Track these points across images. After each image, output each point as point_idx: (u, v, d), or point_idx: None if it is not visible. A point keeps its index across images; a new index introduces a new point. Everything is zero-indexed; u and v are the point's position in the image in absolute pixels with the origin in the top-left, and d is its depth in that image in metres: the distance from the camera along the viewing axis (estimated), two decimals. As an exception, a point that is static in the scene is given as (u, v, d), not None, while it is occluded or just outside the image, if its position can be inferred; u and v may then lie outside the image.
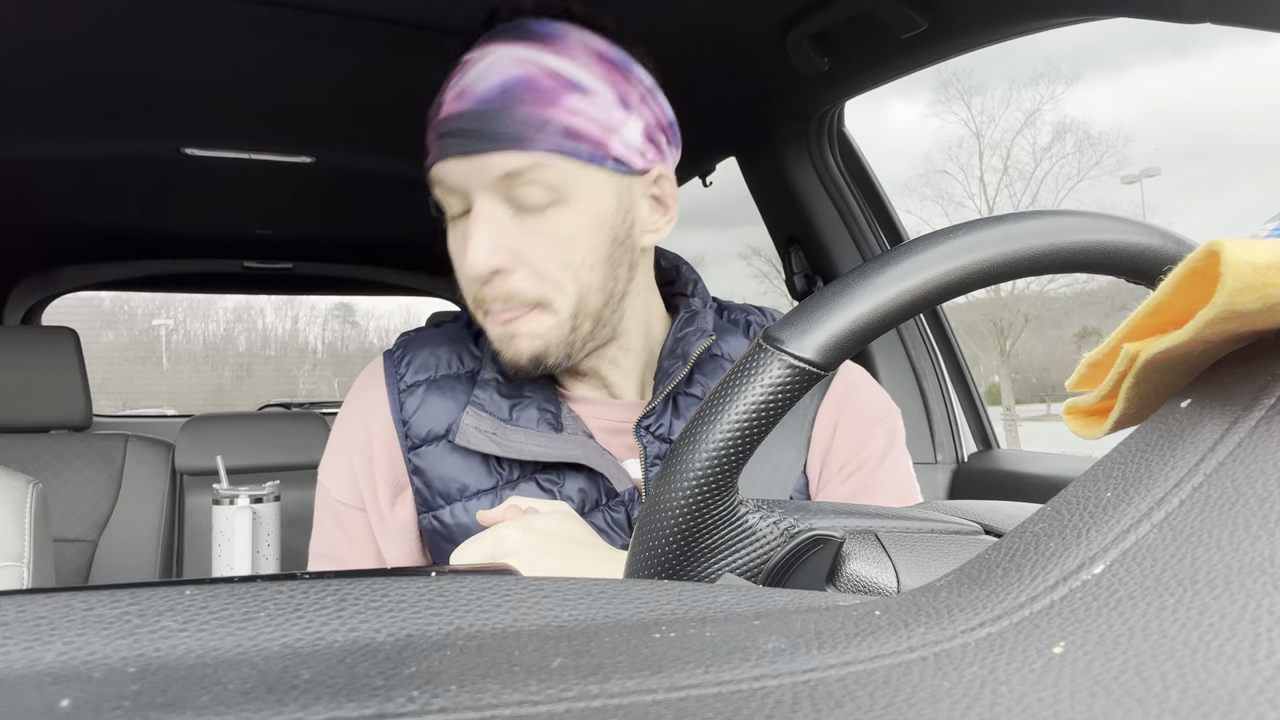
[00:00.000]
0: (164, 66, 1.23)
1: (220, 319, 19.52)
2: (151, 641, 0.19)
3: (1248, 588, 0.18)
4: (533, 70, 0.62)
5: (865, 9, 1.03)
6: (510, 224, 0.64)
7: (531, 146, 0.62)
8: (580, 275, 0.66)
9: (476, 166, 0.63)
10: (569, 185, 0.64)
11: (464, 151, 0.63)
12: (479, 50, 0.65)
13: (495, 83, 0.62)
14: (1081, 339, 19.02)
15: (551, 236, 0.64)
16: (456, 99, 0.64)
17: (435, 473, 0.71)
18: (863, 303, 0.33)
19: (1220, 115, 38.19)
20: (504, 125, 0.62)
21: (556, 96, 0.62)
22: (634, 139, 0.66)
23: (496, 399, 0.71)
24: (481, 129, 0.62)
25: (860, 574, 0.34)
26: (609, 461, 0.69)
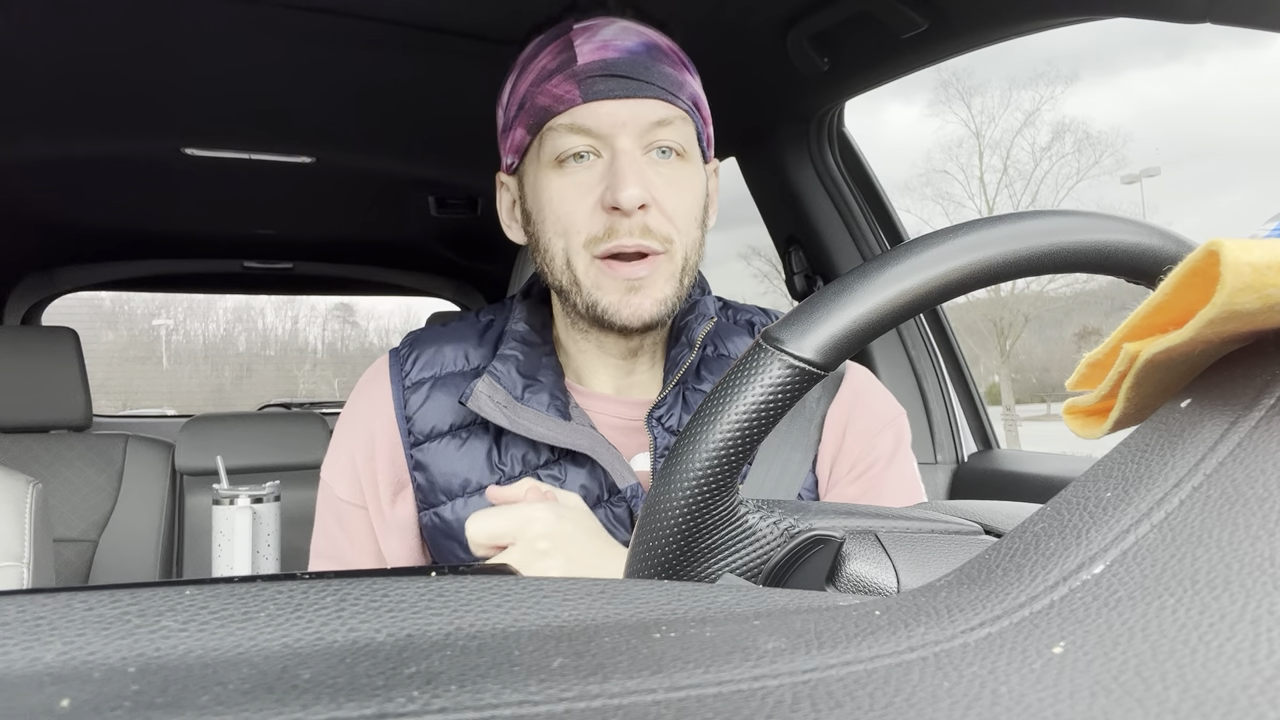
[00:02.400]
0: (164, 66, 1.23)
1: (220, 319, 19.51)
2: (151, 641, 0.19)
3: (1248, 588, 0.18)
4: (659, 40, 0.69)
5: (865, 9, 1.03)
6: (647, 168, 0.68)
7: (677, 102, 0.67)
8: (690, 228, 0.70)
9: (630, 110, 0.66)
10: (688, 146, 0.69)
11: (621, 94, 0.66)
12: (600, 19, 0.69)
13: (637, 42, 0.67)
14: (1081, 339, 19.02)
15: (677, 185, 0.69)
16: (600, 49, 0.67)
17: (437, 468, 0.71)
18: (863, 303, 0.33)
19: (1215, 117, 38.27)
20: (655, 77, 0.67)
21: (683, 69, 0.69)
22: (711, 131, 0.73)
23: (513, 374, 0.71)
24: (636, 76, 0.66)
25: (860, 574, 0.34)
26: (614, 456, 0.70)
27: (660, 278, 0.68)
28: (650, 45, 0.68)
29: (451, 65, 1.26)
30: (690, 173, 0.69)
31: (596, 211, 0.66)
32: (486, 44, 1.17)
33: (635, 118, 0.66)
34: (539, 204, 0.70)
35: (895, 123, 39.03)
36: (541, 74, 0.68)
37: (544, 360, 0.74)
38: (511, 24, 1.16)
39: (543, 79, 0.68)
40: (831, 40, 1.13)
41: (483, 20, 1.12)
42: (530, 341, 0.74)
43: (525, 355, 0.73)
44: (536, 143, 0.69)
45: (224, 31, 1.13)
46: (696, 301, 0.77)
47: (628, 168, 0.65)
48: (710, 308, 0.77)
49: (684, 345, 0.73)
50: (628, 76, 0.66)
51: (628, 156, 0.66)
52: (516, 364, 0.72)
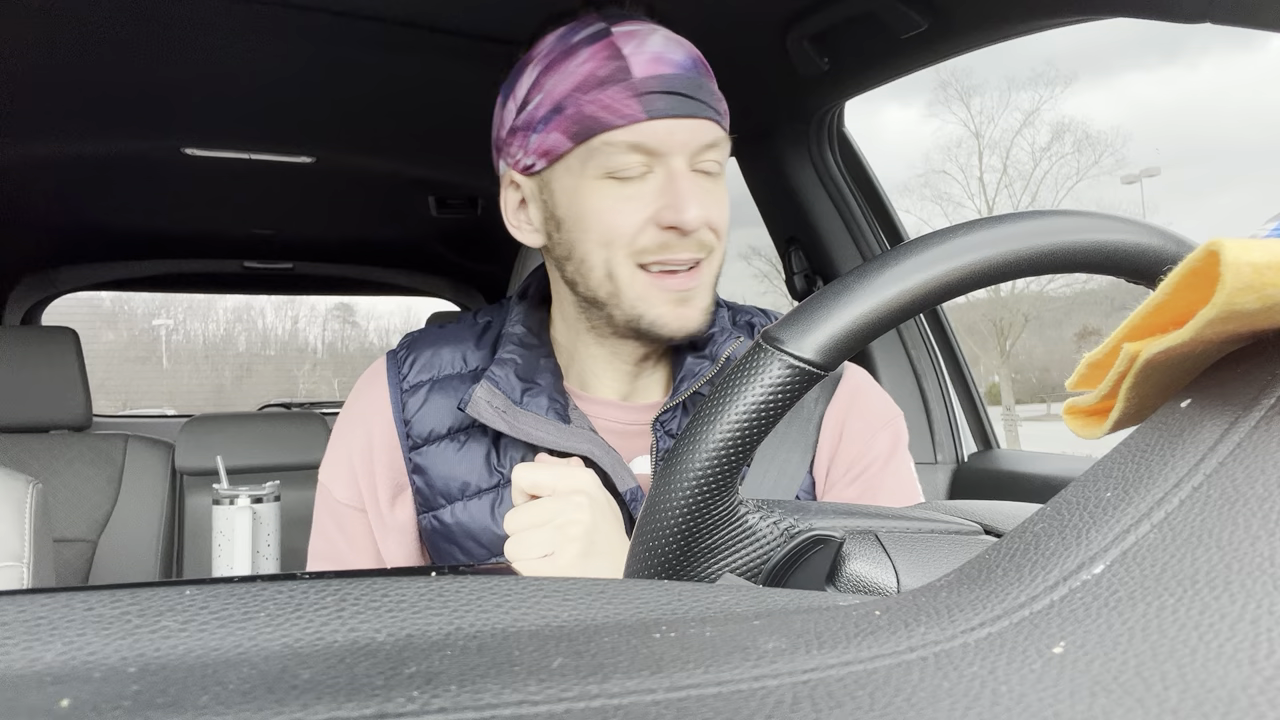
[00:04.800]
0: (164, 67, 1.23)
1: (220, 319, 19.50)
2: (151, 641, 0.19)
3: (1248, 588, 0.18)
4: (696, 52, 0.69)
5: (865, 9, 1.03)
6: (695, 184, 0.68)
7: (723, 123, 0.68)
8: (724, 240, 0.71)
9: (688, 130, 0.66)
10: (723, 164, 0.71)
11: (684, 113, 0.65)
12: (635, 24, 0.68)
13: (684, 56, 0.67)
14: (1081, 339, 19.01)
15: (718, 202, 0.70)
16: (654, 61, 0.66)
17: (436, 472, 0.71)
18: (862, 303, 0.33)
19: (1210, 119, 38.33)
20: (707, 96, 0.67)
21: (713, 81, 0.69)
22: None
23: (512, 379, 0.71)
24: (693, 95, 0.66)
25: (860, 574, 0.34)
26: (614, 459, 0.70)
27: (705, 288, 0.70)
28: (696, 60, 0.68)
29: (452, 65, 1.26)
30: (723, 188, 0.71)
31: (649, 227, 0.66)
32: (487, 44, 1.17)
33: (692, 137, 0.66)
34: (578, 213, 0.68)
35: (893, 125, 39.06)
36: (589, 80, 0.66)
37: (542, 363, 0.74)
38: (512, 24, 1.16)
39: (592, 86, 0.65)
40: (831, 40, 1.13)
41: (483, 20, 1.12)
42: (528, 344, 0.74)
43: (523, 358, 0.72)
44: (582, 152, 0.67)
45: (224, 31, 1.13)
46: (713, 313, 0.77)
47: (690, 189, 0.66)
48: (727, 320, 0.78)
49: (705, 358, 0.73)
50: (686, 95, 0.65)
51: (685, 176, 0.66)
52: (515, 368, 0.72)
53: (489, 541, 0.70)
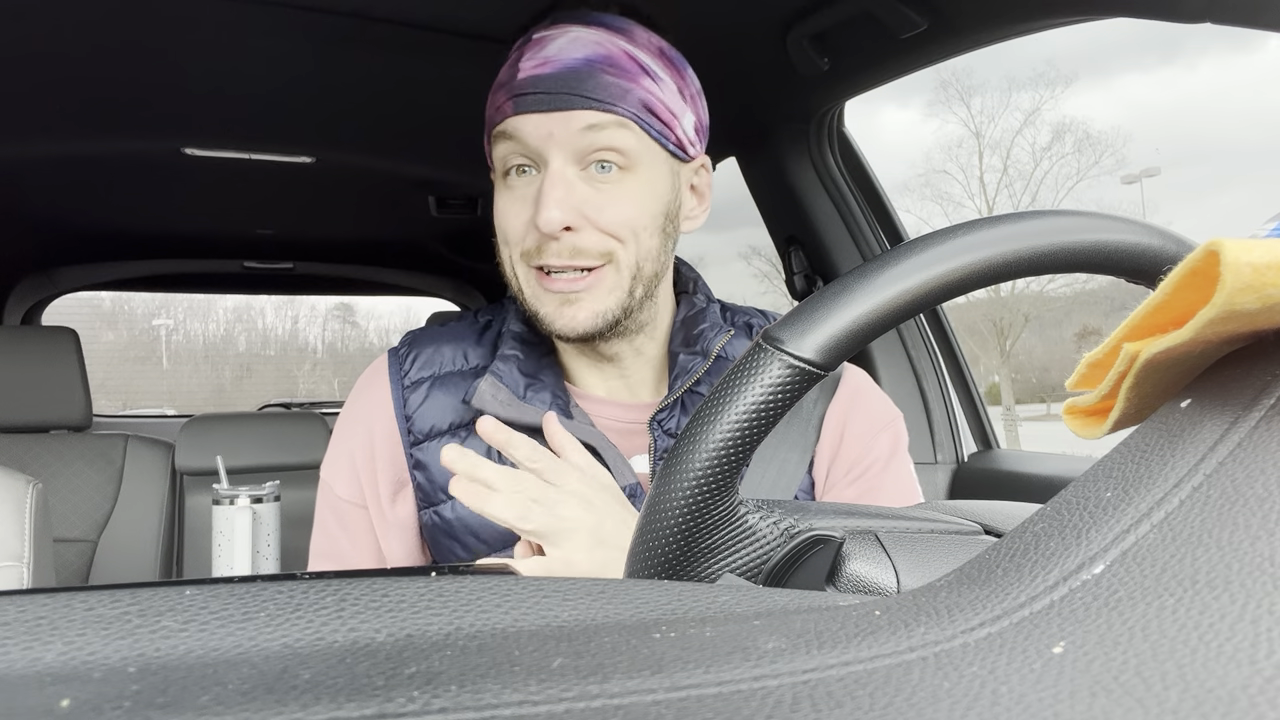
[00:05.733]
0: (164, 66, 1.23)
1: (220, 319, 19.49)
2: (151, 641, 0.19)
3: (1248, 588, 0.18)
4: (613, 49, 0.67)
5: (865, 9, 1.03)
6: (580, 185, 0.67)
7: (612, 109, 0.66)
8: (640, 238, 0.68)
9: (559, 121, 0.65)
10: (637, 154, 0.67)
11: (549, 107, 0.65)
12: (556, 29, 0.68)
13: (580, 54, 0.66)
14: (1081, 339, 19.01)
15: (617, 199, 0.67)
16: (539, 65, 0.66)
17: (437, 467, 0.72)
18: (863, 303, 0.33)
19: (1209, 120, 38.34)
20: (589, 88, 0.65)
21: (635, 76, 0.67)
22: (689, 130, 0.71)
23: (515, 374, 0.72)
24: (568, 89, 0.65)
25: (860, 574, 0.34)
26: (614, 453, 0.70)
27: (600, 290, 0.68)
28: (597, 57, 0.66)
29: (451, 65, 1.26)
30: (638, 183, 0.68)
31: (530, 227, 0.67)
32: (487, 44, 1.17)
33: (562, 127, 0.65)
34: (494, 212, 0.71)
35: (893, 125, 39.05)
36: (495, 85, 0.70)
37: (544, 360, 0.74)
38: (512, 23, 1.16)
39: (495, 90, 0.69)
40: (831, 40, 1.13)
41: (483, 20, 1.12)
42: (529, 341, 0.74)
43: (525, 355, 0.73)
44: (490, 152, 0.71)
45: (224, 31, 1.13)
46: (703, 309, 0.77)
47: (550, 190, 0.65)
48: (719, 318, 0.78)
49: (698, 355, 0.73)
50: (556, 90, 0.65)
51: (555, 177, 0.65)
52: (518, 363, 0.72)
53: (489, 537, 0.70)
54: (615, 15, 0.69)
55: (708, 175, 0.76)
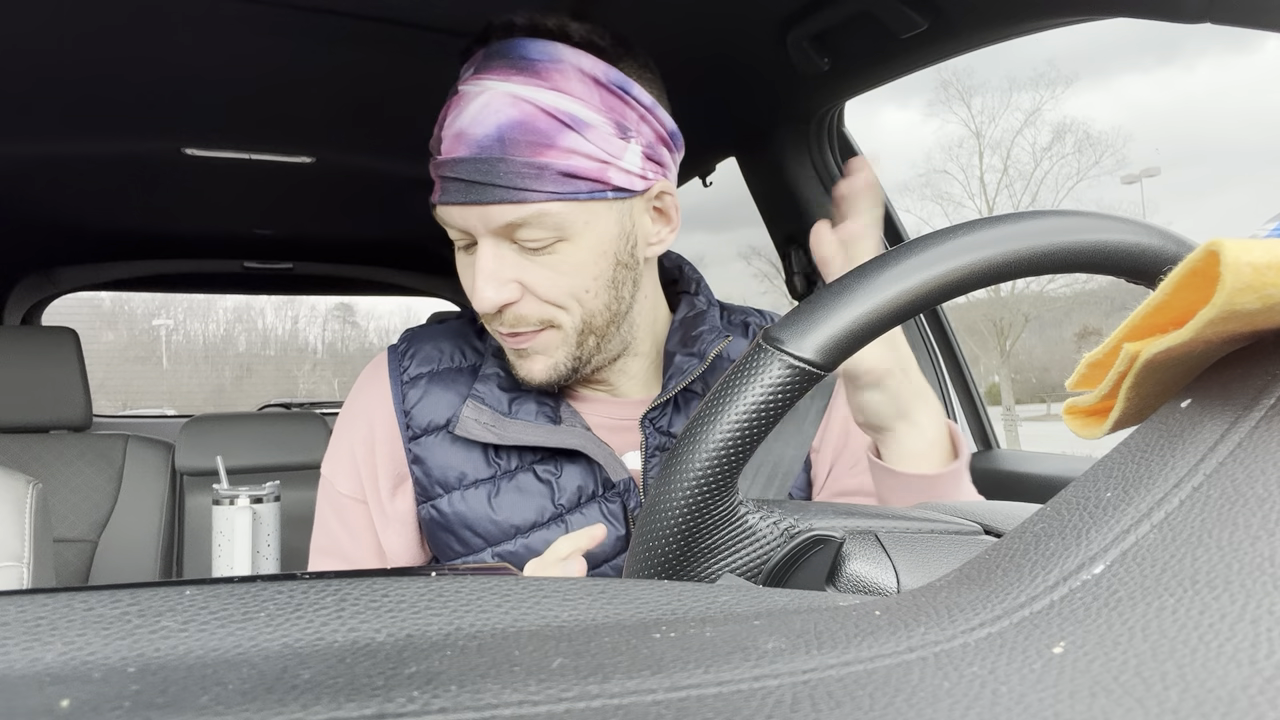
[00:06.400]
0: (164, 66, 1.23)
1: (220, 319, 19.48)
2: (151, 641, 0.19)
3: (1248, 588, 0.18)
4: (528, 110, 0.62)
5: (865, 9, 1.03)
6: (515, 259, 0.66)
7: (529, 198, 0.62)
8: (585, 301, 0.67)
9: (477, 214, 0.64)
10: (569, 224, 0.64)
11: (464, 200, 0.64)
12: (474, 81, 0.65)
13: (491, 128, 0.62)
14: (1081, 339, 19.00)
15: (556, 269, 0.66)
16: (455, 141, 0.64)
17: (435, 462, 0.72)
18: (863, 303, 0.33)
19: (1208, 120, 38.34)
20: (501, 177, 0.62)
21: (553, 137, 0.62)
22: (634, 164, 0.66)
23: (496, 393, 0.72)
24: (480, 180, 0.63)
25: (860, 574, 0.34)
26: (606, 452, 0.71)
27: (549, 347, 0.69)
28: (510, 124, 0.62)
29: (453, 65, 1.26)
30: (576, 249, 0.65)
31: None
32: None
33: (481, 220, 0.64)
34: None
35: (892, 126, 39.05)
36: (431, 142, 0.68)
37: None
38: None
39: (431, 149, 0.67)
40: (831, 40, 1.13)
41: (483, 20, 1.12)
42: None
43: (507, 370, 0.74)
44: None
45: (224, 31, 1.13)
46: (703, 312, 0.77)
47: (479, 273, 0.65)
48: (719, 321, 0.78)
49: (694, 357, 0.73)
50: (469, 181, 0.63)
51: (485, 259, 0.65)
52: (498, 381, 0.73)
53: (485, 531, 0.71)
54: (546, 42, 0.64)
55: (671, 197, 0.71)
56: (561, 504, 0.70)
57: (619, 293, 0.69)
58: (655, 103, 0.68)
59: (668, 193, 0.70)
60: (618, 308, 0.70)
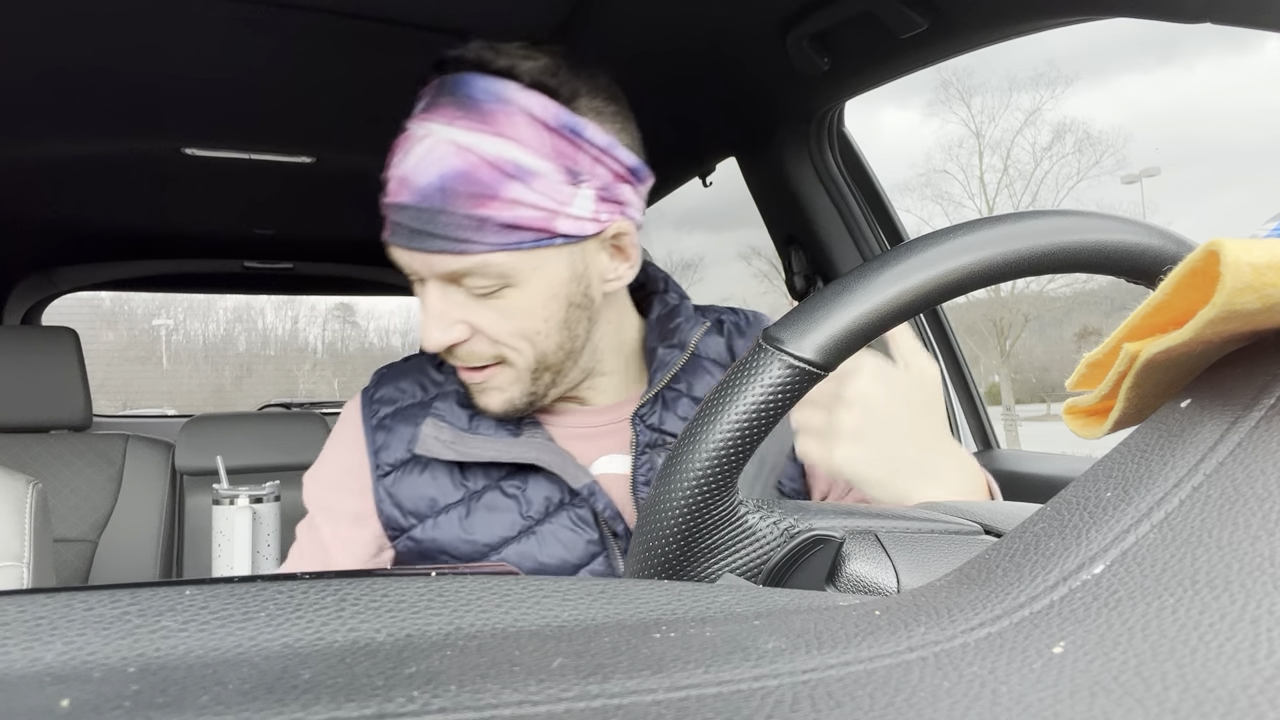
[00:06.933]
0: (164, 66, 1.23)
1: (220, 319, 19.46)
2: (151, 641, 0.19)
3: (1248, 588, 0.18)
4: (471, 160, 0.61)
5: (865, 9, 1.03)
6: (463, 300, 0.66)
7: (469, 249, 0.62)
8: (536, 342, 0.67)
9: (420, 260, 0.64)
10: (515, 272, 0.64)
11: (408, 246, 0.64)
12: (421, 123, 0.64)
13: (433, 177, 0.61)
14: (1081, 339, 19.00)
15: (503, 313, 0.66)
16: (398, 186, 0.64)
17: (406, 494, 0.73)
18: (863, 303, 0.33)
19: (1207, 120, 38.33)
20: (440, 227, 0.62)
21: (496, 189, 0.61)
22: (585, 209, 0.65)
23: (456, 409, 0.74)
24: (422, 228, 0.62)
25: (860, 574, 0.34)
26: (565, 460, 0.71)
27: (504, 382, 0.69)
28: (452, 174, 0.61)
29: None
30: (524, 294, 0.65)
31: None
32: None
33: (425, 266, 0.64)
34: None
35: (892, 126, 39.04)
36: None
37: None
38: (514, 24, 1.16)
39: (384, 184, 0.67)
40: (831, 40, 1.13)
41: (483, 20, 1.12)
42: None
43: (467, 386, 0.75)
44: None
45: (224, 31, 1.13)
46: (676, 306, 0.78)
47: (426, 314, 0.66)
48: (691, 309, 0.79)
49: (675, 347, 0.74)
50: (411, 228, 0.62)
51: (431, 301, 0.65)
52: (457, 398, 0.74)
53: (461, 553, 0.72)
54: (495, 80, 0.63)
55: (629, 235, 0.69)
56: (530, 516, 0.71)
57: (573, 331, 0.69)
58: (613, 141, 0.66)
59: (625, 233, 0.69)
60: (572, 345, 0.69)
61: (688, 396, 0.75)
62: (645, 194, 0.73)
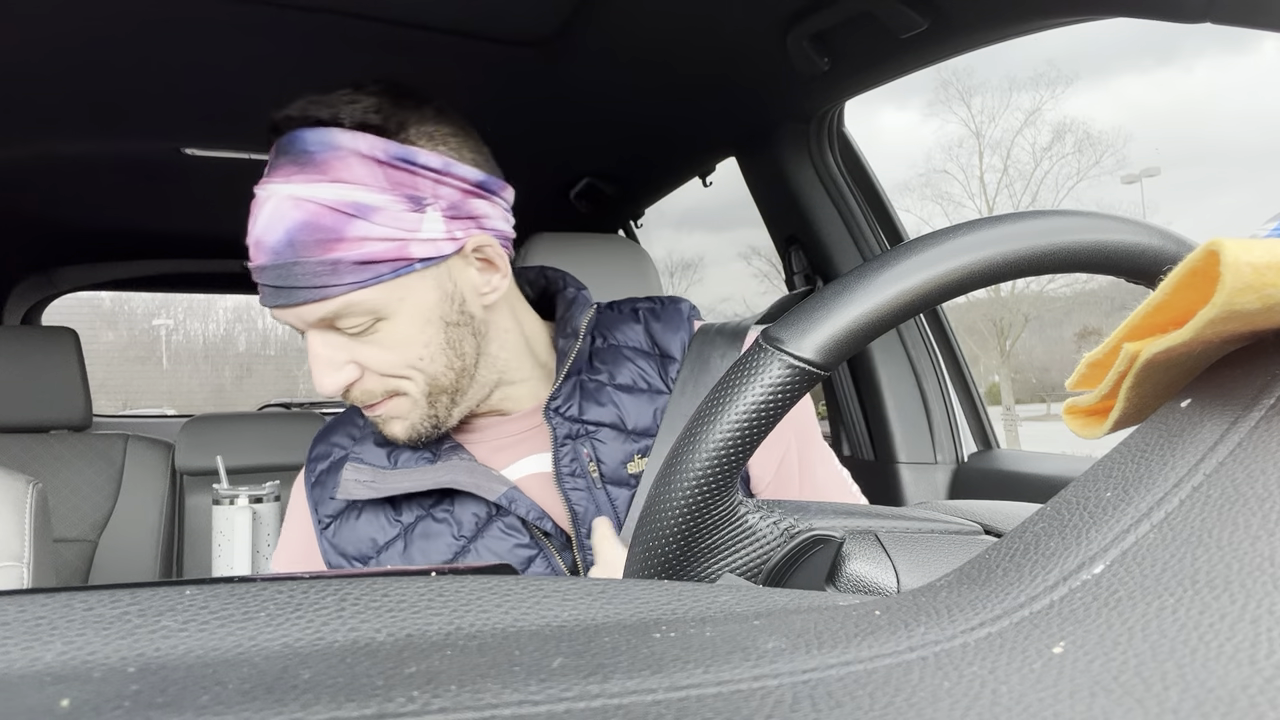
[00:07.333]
0: (164, 66, 1.23)
1: (220, 319, 19.41)
2: (151, 641, 0.19)
3: (1248, 588, 0.18)
4: (310, 210, 0.63)
5: (865, 9, 1.03)
6: (343, 342, 0.67)
7: (330, 294, 0.63)
8: (423, 367, 0.69)
9: (291, 314, 0.66)
10: (382, 306, 0.65)
11: (275, 304, 0.66)
12: (264, 186, 0.66)
13: (280, 234, 0.63)
14: (1081, 339, 18.99)
15: (384, 346, 0.67)
16: (255, 250, 0.65)
17: (347, 540, 0.75)
18: (862, 303, 0.33)
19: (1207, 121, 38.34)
20: (299, 279, 0.63)
21: (340, 230, 0.63)
22: (436, 230, 0.66)
23: (374, 450, 0.76)
24: (282, 284, 0.64)
25: (860, 574, 0.34)
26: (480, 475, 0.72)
27: (403, 411, 0.70)
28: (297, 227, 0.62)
29: (451, 66, 1.26)
30: (398, 325, 0.66)
31: None
32: (487, 44, 1.17)
33: (297, 318, 0.66)
34: None
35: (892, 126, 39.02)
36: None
37: None
38: (513, 25, 1.16)
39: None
40: (831, 40, 1.13)
41: (483, 21, 1.12)
42: None
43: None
44: None
45: (224, 31, 1.13)
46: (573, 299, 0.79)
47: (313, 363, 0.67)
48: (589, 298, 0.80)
49: (570, 336, 0.75)
50: (272, 287, 0.64)
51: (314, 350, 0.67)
52: (375, 438, 0.77)
53: None
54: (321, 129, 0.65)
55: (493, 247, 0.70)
56: (464, 535, 0.72)
57: (459, 350, 0.70)
58: (451, 160, 0.67)
59: (487, 244, 0.70)
60: (462, 364, 0.70)
61: (611, 385, 0.75)
62: (506, 205, 0.73)
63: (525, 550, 0.71)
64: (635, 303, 0.83)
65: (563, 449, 0.73)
